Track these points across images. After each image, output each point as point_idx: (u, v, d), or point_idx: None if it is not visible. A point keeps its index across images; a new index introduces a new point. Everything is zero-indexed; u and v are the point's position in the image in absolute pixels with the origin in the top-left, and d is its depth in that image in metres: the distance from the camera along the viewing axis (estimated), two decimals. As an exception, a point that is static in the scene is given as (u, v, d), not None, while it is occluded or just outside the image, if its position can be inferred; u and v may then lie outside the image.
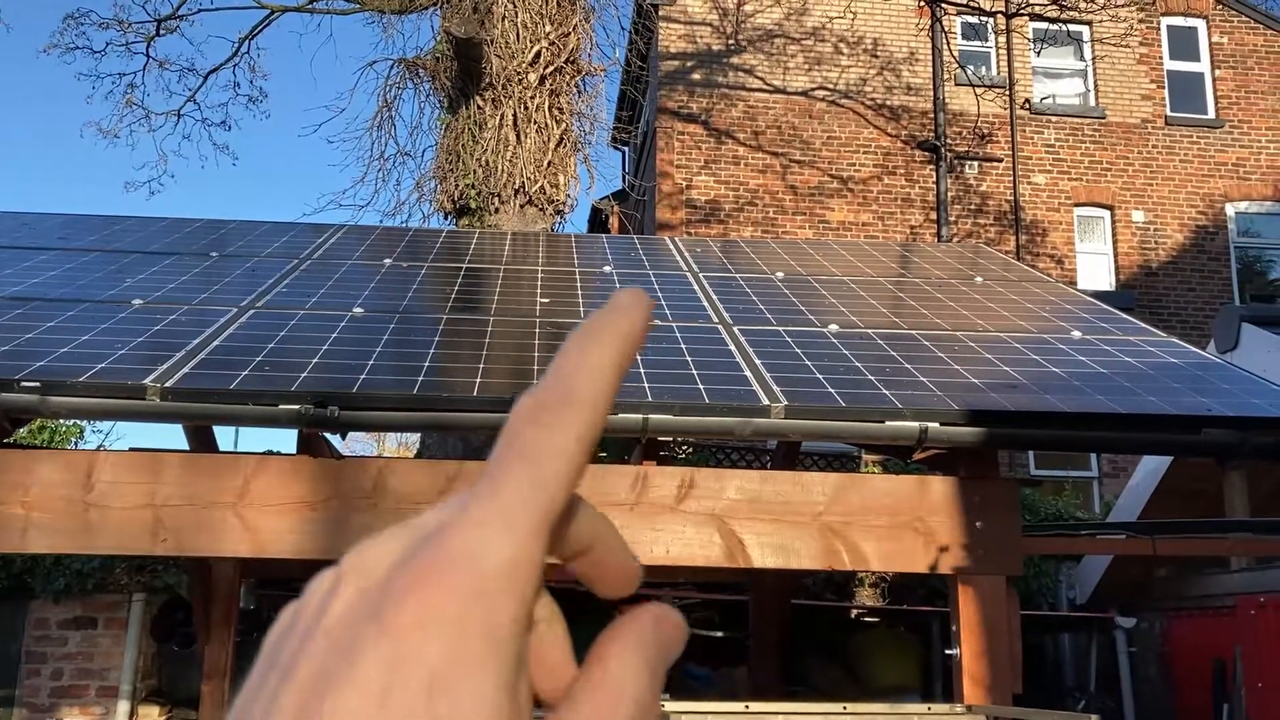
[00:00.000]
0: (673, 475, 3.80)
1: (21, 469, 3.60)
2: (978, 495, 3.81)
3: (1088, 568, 7.75)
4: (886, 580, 7.91)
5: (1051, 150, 14.83)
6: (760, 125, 14.40)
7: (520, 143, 8.99)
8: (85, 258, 5.27)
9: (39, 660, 6.99)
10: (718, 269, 5.79)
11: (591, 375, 0.33)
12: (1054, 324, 4.89)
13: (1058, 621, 7.64)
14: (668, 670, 0.34)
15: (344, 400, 3.47)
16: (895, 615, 7.73)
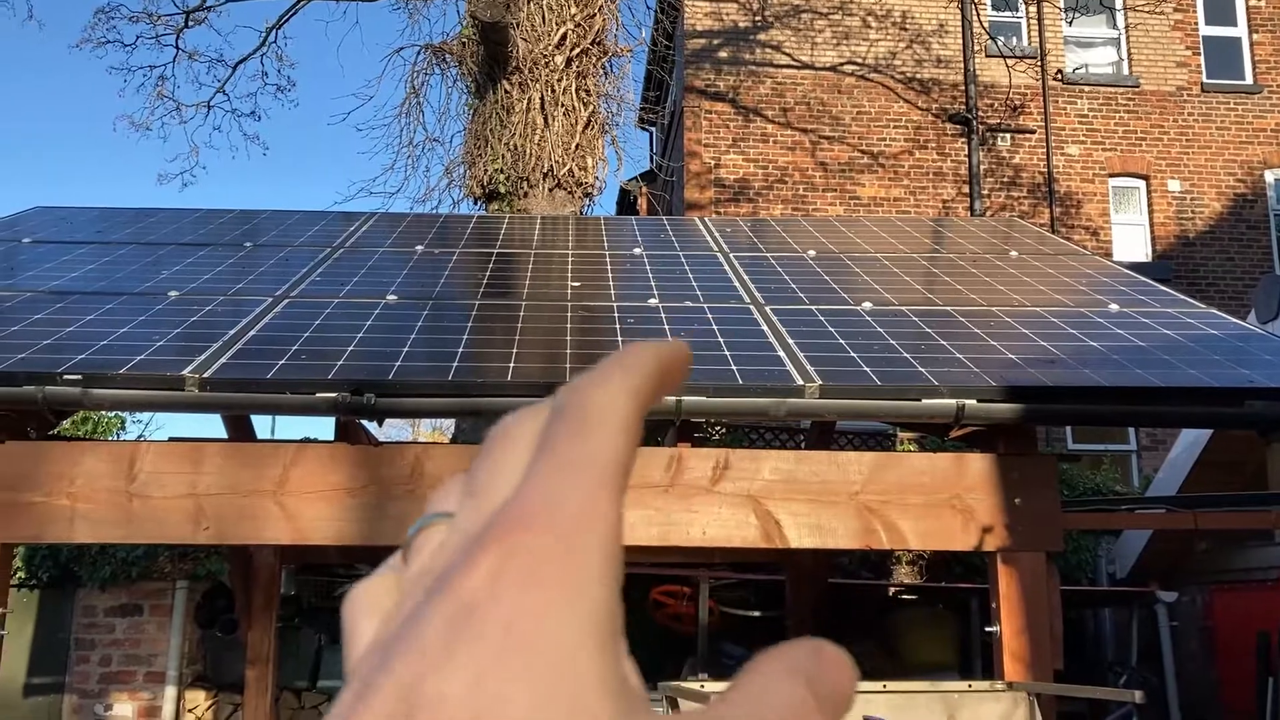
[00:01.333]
0: (707, 456, 3.80)
1: (66, 460, 3.65)
2: (1016, 471, 3.78)
3: (1127, 542, 7.69)
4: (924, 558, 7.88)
5: (1085, 121, 14.64)
6: (789, 102, 14.30)
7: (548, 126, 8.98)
8: (121, 251, 5.33)
9: (88, 647, 7.12)
10: (748, 248, 5.77)
11: (632, 362, 0.31)
12: (1091, 297, 4.83)
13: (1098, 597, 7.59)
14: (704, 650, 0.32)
15: (380, 388, 3.50)
16: (933, 593, 7.71)
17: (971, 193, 14.12)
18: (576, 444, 0.28)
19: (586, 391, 0.30)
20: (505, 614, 0.25)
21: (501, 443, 0.31)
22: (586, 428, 0.29)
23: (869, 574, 7.88)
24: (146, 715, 7.03)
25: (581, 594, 0.26)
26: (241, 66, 12.65)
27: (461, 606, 0.26)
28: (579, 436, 0.28)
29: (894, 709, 3.29)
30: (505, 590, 0.26)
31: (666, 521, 3.71)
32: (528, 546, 0.26)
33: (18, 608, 6.98)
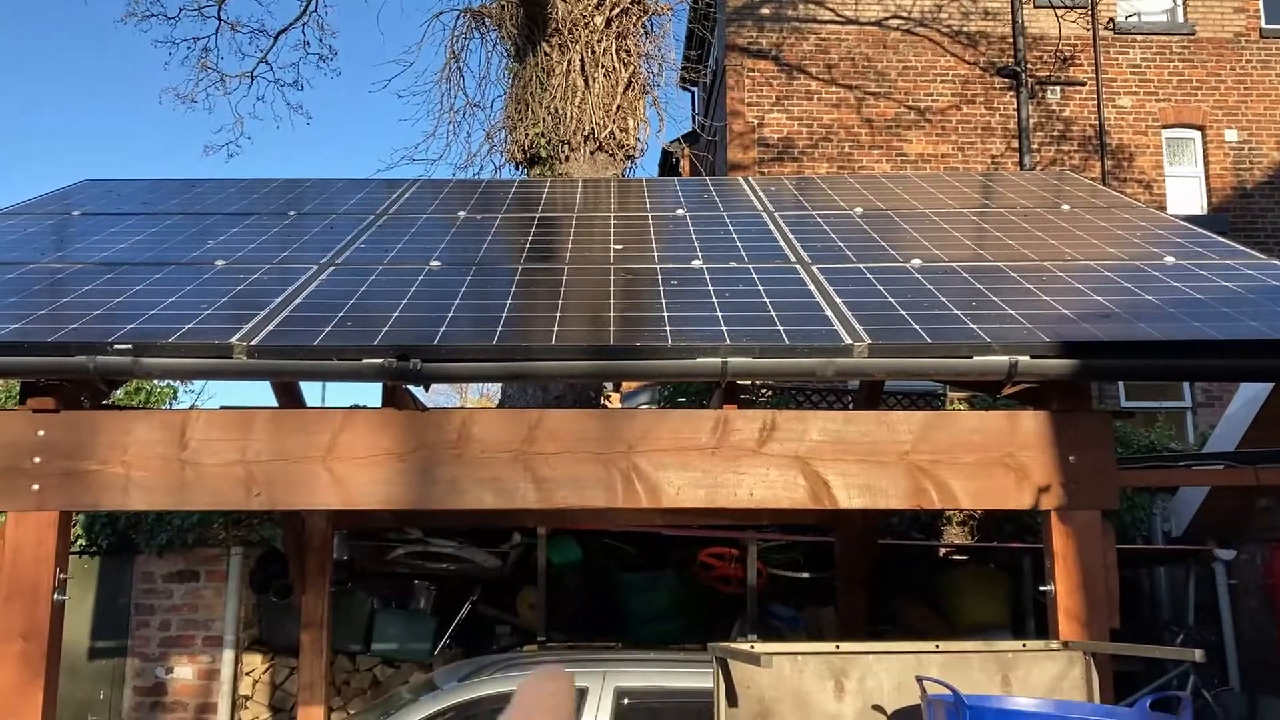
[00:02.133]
0: (754, 418, 3.77)
1: (119, 429, 3.70)
2: (1070, 429, 3.71)
3: (1183, 500, 7.56)
4: (975, 518, 7.81)
5: (1138, 71, 14.28)
6: (833, 58, 14.08)
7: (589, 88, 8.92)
8: (168, 221, 5.37)
9: (147, 612, 7.27)
10: (793, 207, 5.70)
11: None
12: (1146, 250, 4.72)
13: (1153, 555, 7.48)
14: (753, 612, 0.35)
15: (425, 353, 3.50)
16: (984, 553, 7.64)
17: (1021, 147, 13.85)
18: None
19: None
20: None
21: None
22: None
23: (919, 534, 7.82)
24: (205, 678, 7.18)
25: None
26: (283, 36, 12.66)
27: None
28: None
29: (947, 669, 3.26)
30: None
31: (714, 483, 3.69)
32: None
33: (79, 574, 7.14)
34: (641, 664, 4.95)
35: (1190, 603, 7.50)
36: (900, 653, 3.35)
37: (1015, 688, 3.30)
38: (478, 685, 4.72)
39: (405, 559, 7.44)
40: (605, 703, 4.57)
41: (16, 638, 3.56)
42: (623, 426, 3.75)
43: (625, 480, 3.69)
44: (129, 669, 7.21)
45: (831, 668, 3.31)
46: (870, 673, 3.31)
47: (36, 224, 5.30)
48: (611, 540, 7.69)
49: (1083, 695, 3.32)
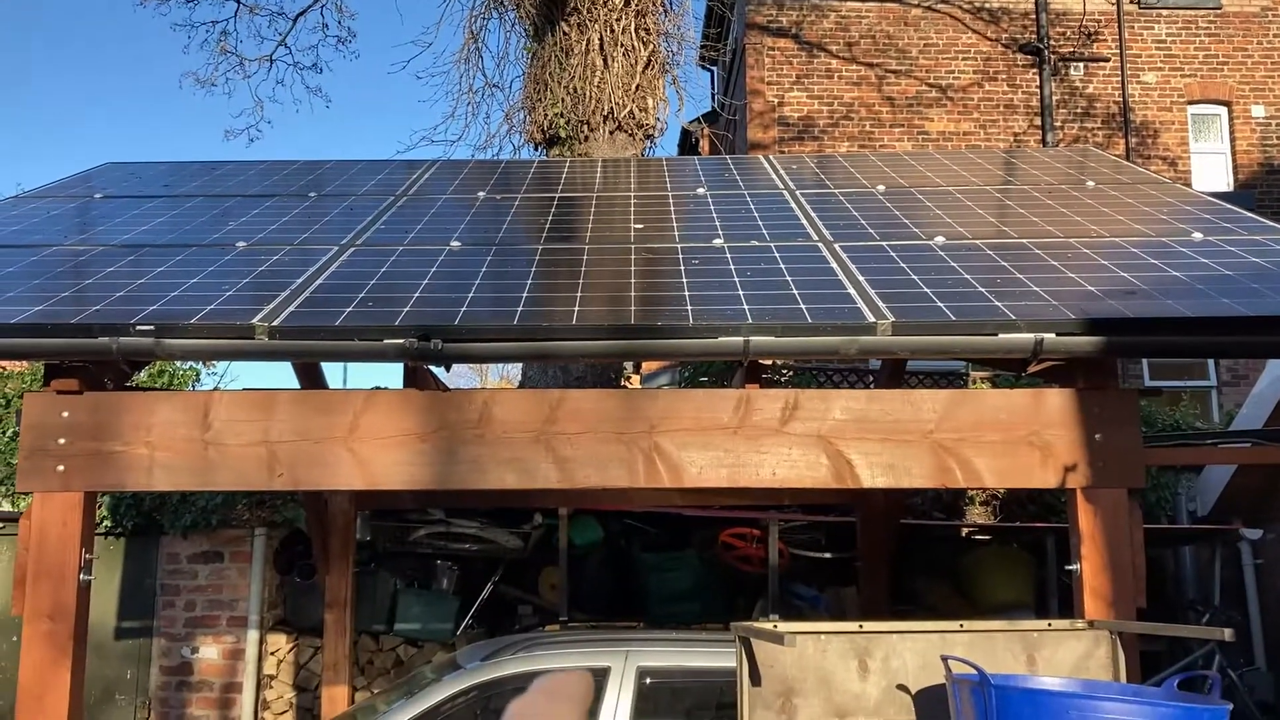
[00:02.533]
0: (776, 397, 3.75)
1: (143, 410, 3.71)
2: (1096, 406, 3.67)
3: (1209, 479, 7.49)
4: (998, 497, 7.77)
5: (1163, 46, 14.11)
6: (854, 36, 13.97)
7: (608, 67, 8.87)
8: (190, 203, 5.38)
9: (173, 593, 7.32)
10: (815, 185, 5.66)
11: None
12: (1173, 226, 4.66)
13: (1179, 535, 7.42)
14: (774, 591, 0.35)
15: (446, 333, 3.49)
16: (1007, 533, 7.60)
17: (1044, 125, 13.72)
18: None
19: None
20: None
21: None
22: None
23: (941, 514, 7.79)
24: (231, 658, 7.23)
25: None
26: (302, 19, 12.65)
27: None
28: None
29: (972, 649, 3.24)
30: None
31: (736, 463, 3.68)
32: None
33: (105, 555, 7.20)
34: (664, 644, 4.95)
35: (1216, 582, 7.45)
36: (925, 632, 3.33)
37: (1041, 667, 3.28)
38: (501, 665, 4.73)
39: (428, 539, 7.47)
40: (628, 682, 4.57)
41: (44, 618, 3.59)
42: (644, 406, 3.74)
43: (647, 460, 3.68)
44: (155, 649, 7.27)
45: (855, 647, 3.30)
46: (894, 652, 3.30)
47: (59, 207, 5.32)
48: (633, 521, 7.69)
49: (1109, 675, 3.30)
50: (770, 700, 3.23)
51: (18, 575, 3.68)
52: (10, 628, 7.05)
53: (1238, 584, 7.40)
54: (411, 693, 4.82)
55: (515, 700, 3.98)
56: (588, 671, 1.75)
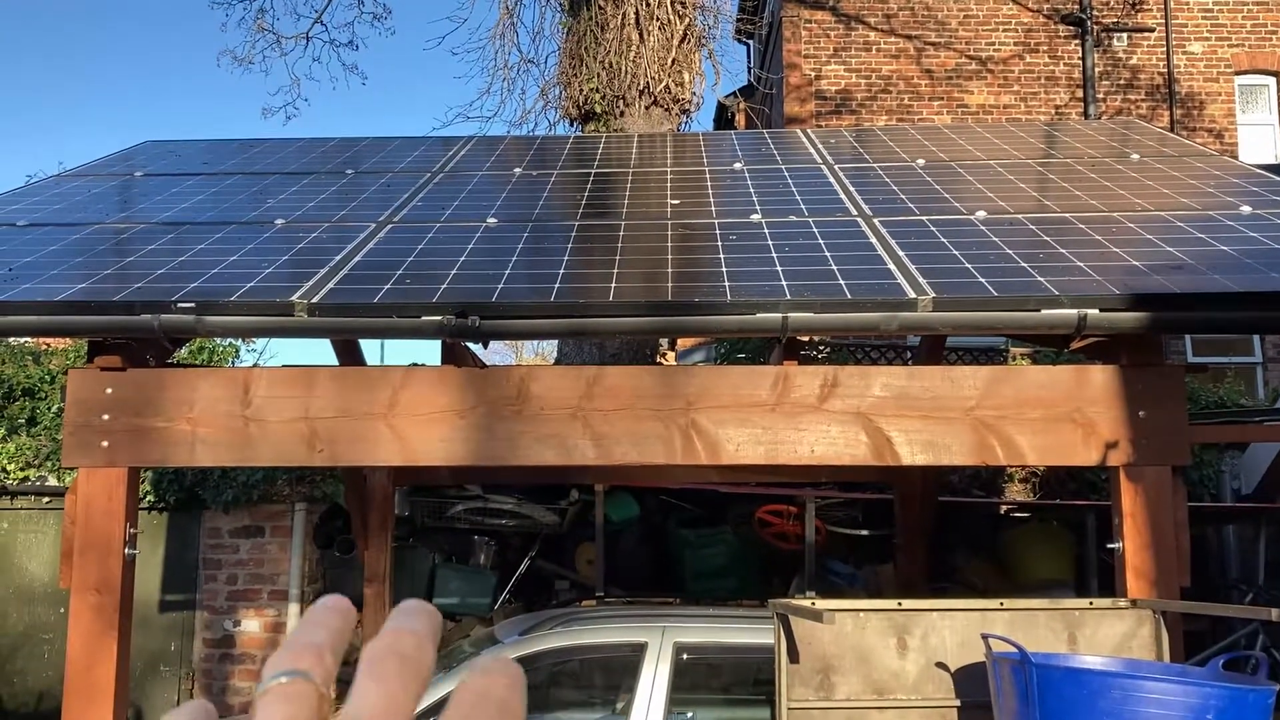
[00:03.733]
0: (814, 374, 3.72)
1: (185, 386, 3.75)
2: (1140, 383, 3.62)
3: (1253, 456, 7.38)
4: (1037, 475, 7.70)
5: (1209, 15, 13.81)
6: (892, 7, 13.79)
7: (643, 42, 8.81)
8: (228, 181, 5.41)
9: (215, 566, 7.43)
10: (853, 159, 5.60)
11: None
12: (1220, 199, 4.57)
13: (1222, 513, 7.32)
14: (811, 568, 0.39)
15: (484, 310, 3.49)
16: (1046, 509, 7.54)
17: (1086, 97, 13.50)
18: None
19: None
20: None
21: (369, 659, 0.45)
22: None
23: (980, 491, 7.73)
24: (272, 631, 7.33)
25: None
26: (337, -5, 12.66)
27: None
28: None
29: (1013, 627, 3.21)
30: None
31: (774, 440, 3.66)
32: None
33: (149, 529, 7.31)
34: (700, 620, 4.96)
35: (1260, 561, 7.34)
36: (964, 610, 3.31)
37: (1082, 646, 3.25)
38: (538, 639, 4.76)
39: (465, 515, 7.52)
40: (665, 658, 4.58)
41: (91, 590, 3.64)
42: (681, 383, 3.73)
43: (684, 437, 3.67)
44: (198, 622, 7.39)
45: (894, 624, 3.28)
46: (933, 630, 3.28)
47: (100, 185, 5.37)
48: (669, 497, 7.70)
49: (1152, 654, 3.26)
50: (808, 677, 3.22)
51: (64, 549, 3.74)
52: (59, 600, 7.19)
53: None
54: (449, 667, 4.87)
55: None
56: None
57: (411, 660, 0.46)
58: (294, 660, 0.46)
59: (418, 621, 0.49)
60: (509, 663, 0.47)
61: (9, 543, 7.50)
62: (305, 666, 0.45)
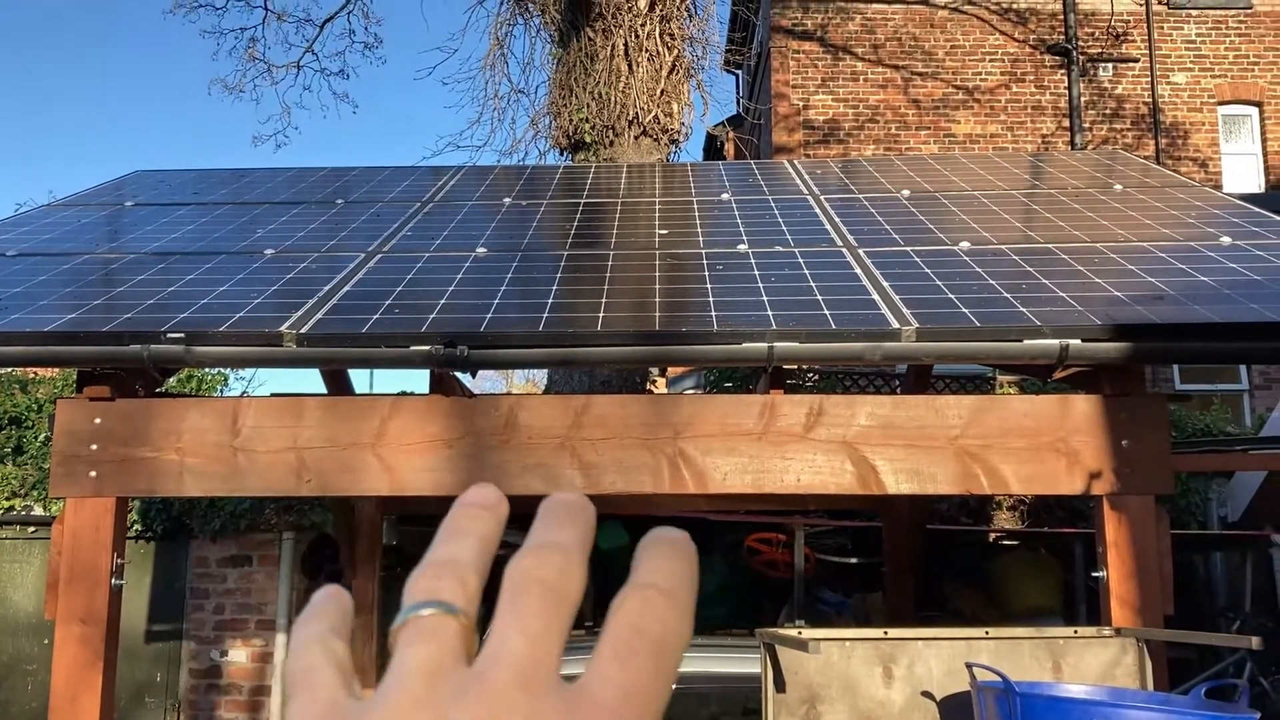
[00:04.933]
0: (801, 403, 3.75)
1: (173, 416, 3.76)
2: (1124, 413, 3.65)
3: (1240, 484, 7.42)
4: (1025, 503, 7.73)
5: (1192, 46, 13.98)
6: (879, 38, 13.93)
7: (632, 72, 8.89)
8: (218, 211, 5.44)
9: (202, 596, 7.39)
10: (839, 190, 5.65)
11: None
12: (1201, 230, 4.62)
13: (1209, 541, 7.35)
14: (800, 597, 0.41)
15: (473, 339, 3.51)
16: (1034, 537, 7.56)
17: (1072, 126, 13.63)
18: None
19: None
20: None
21: (511, 585, 0.42)
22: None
23: (968, 519, 7.75)
24: (259, 660, 7.29)
25: None
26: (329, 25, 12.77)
27: None
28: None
29: (998, 656, 3.23)
30: None
31: (761, 469, 3.68)
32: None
33: (136, 559, 7.28)
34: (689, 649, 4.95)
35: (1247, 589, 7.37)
36: (950, 639, 3.32)
37: (1067, 674, 3.27)
38: (526, 669, 4.74)
39: (453, 544, 7.50)
40: (653, 687, 4.57)
41: (77, 621, 3.63)
42: (669, 412, 3.75)
43: (672, 466, 3.69)
44: (185, 652, 7.35)
45: (880, 654, 3.30)
46: (919, 659, 3.29)
47: (90, 215, 5.39)
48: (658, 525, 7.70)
49: (1136, 683, 3.28)
50: (795, 706, 3.23)
51: (50, 579, 3.74)
52: (42, 631, 7.14)
53: (1269, 590, 7.32)
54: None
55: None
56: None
57: (555, 589, 0.41)
58: (433, 587, 0.42)
59: (564, 531, 0.44)
60: (673, 545, 0.43)
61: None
62: (447, 595, 0.42)
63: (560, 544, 0.43)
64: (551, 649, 0.40)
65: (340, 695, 0.42)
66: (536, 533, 0.44)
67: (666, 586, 0.42)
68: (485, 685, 0.38)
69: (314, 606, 0.47)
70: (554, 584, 0.41)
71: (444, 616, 0.41)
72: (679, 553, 0.43)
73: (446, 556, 0.44)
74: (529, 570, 0.42)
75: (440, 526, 0.45)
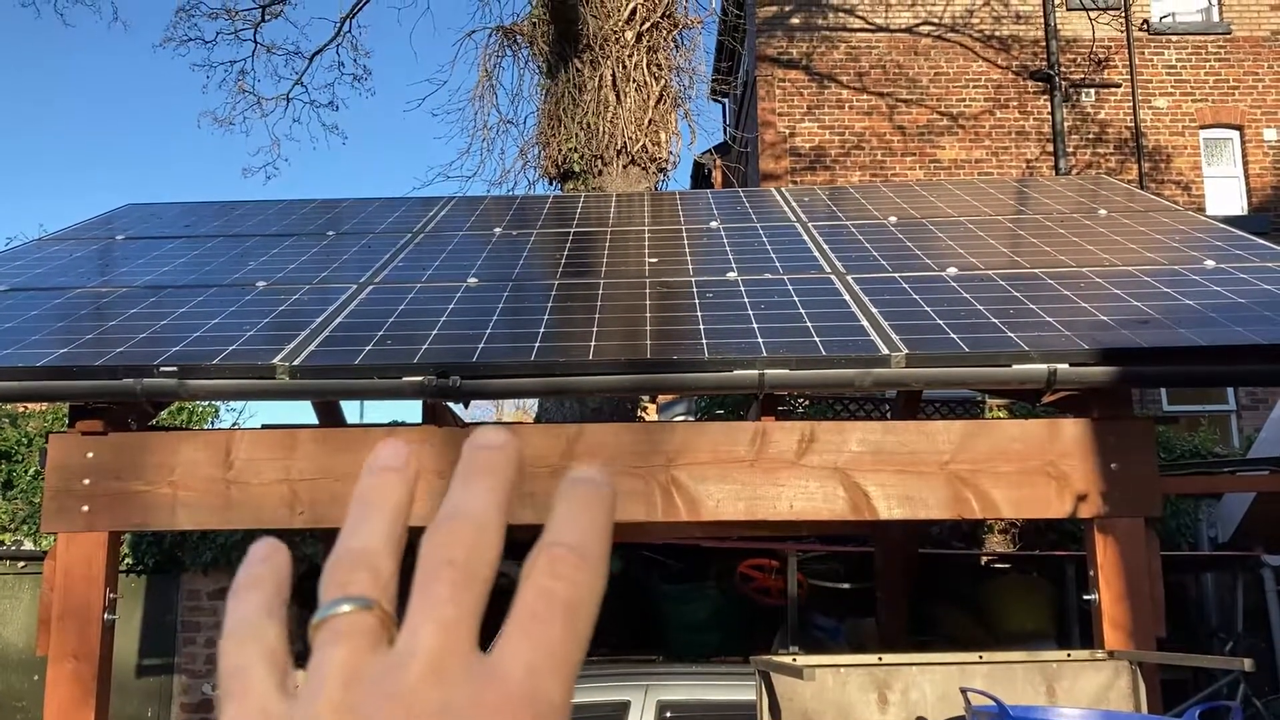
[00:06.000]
0: (792, 430, 3.77)
1: (166, 450, 3.76)
2: (1112, 436, 3.68)
3: (1229, 505, 7.45)
4: (1016, 526, 7.75)
5: (1173, 71, 14.14)
6: (864, 66, 14.06)
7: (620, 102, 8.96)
8: (209, 244, 5.46)
9: (193, 629, 7.35)
10: (827, 217, 5.70)
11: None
12: (1185, 254, 4.68)
13: (1200, 562, 7.38)
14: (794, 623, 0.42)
15: (464, 370, 3.53)
16: (1026, 561, 7.58)
17: (1056, 151, 13.75)
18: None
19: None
20: None
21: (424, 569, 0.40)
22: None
23: (960, 543, 7.77)
24: (252, 694, 7.25)
25: None
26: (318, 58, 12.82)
27: None
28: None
29: (992, 680, 3.24)
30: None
31: (753, 496, 3.70)
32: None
33: (127, 592, 7.24)
34: (683, 677, 4.95)
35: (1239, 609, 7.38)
36: (943, 664, 3.33)
37: (1061, 698, 3.28)
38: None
39: (446, 574, 7.48)
40: (648, 716, 4.57)
41: (69, 657, 3.62)
42: (661, 440, 3.77)
43: (665, 493, 3.70)
44: (176, 686, 7.29)
45: (874, 679, 3.30)
46: (913, 684, 3.30)
47: (82, 249, 5.41)
48: (651, 552, 7.69)
49: (1130, 705, 3.29)
50: (790, 734, 3.23)
51: (42, 615, 3.72)
52: (32, 667, 7.09)
53: (1261, 611, 7.34)
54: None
55: None
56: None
57: (465, 569, 0.40)
58: (346, 581, 0.41)
59: (479, 491, 0.43)
60: (585, 493, 0.42)
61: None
62: (359, 589, 0.41)
63: (472, 512, 0.42)
64: (465, 632, 0.39)
65: (272, 699, 0.41)
66: (452, 494, 0.42)
67: (574, 542, 0.41)
68: (399, 684, 0.37)
69: (249, 567, 0.45)
70: (464, 563, 0.40)
71: (358, 613, 0.41)
72: (590, 501, 0.42)
73: (359, 546, 0.42)
74: (438, 549, 0.41)
75: (353, 497, 0.44)
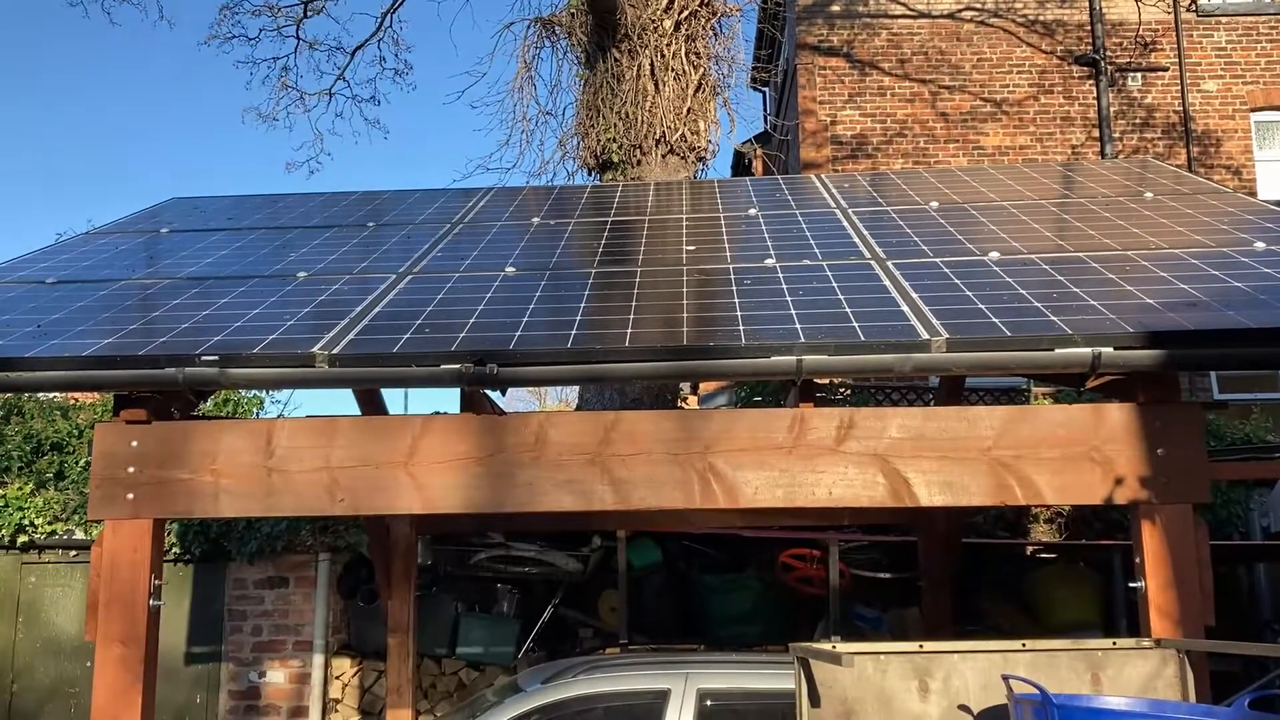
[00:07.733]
0: (831, 416, 3.74)
1: (208, 439, 3.80)
2: (1158, 421, 3.61)
3: (1282, 494, 7.30)
4: (1063, 515, 7.64)
5: (1223, 53, 13.85)
6: (905, 53, 13.91)
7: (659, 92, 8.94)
8: (252, 236, 5.51)
9: (240, 618, 7.45)
10: (867, 203, 5.64)
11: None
12: (1235, 236, 4.58)
13: (1251, 551, 7.24)
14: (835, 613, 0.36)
15: (502, 357, 3.54)
16: (1072, 550, 7.47)
17: (1102, 137, 13.53)
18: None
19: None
20: None
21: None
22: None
23: (1005, 533, 7.68)
24: (297, 682, 7.33)
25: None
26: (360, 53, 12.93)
27: None
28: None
29: (1034, 668, 3.19)
30: None
31: (791, 483, 3.67)
32: None
33: (174, 581, 7.35)
34: (724, 666, 4.94)
35: (1292, 600, 7.24)
36: (986, 651, 3.29)
37: (1106, 687, 3.23)
38: (562, 687, 4.75)
39: (488, 563, 7.53)
40: (688, 705, 4.57)
41: (116, 643, 3.67)
42: (699, 427, 3.75)
43: (702, 480, 3.68)
44: (224, 673, 7.40)
45: (915, 667, 3.27)
46: (955, 672, 3.26)
47: (127, 242, 5.48)
48: (691, 542, 7.69)
49: (1177, 695, 3.23)
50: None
51: (90, 601, 3.78)
52: (84, 654, 7.22)
53: (1315, 601, 7.19)
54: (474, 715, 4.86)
55: None
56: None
57: None
58: None
59: None
60: None
61: (37, 597, 7.56)
62: None
63: None
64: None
65: None
66: None
67: None
68: None
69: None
70: None
71: None
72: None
73: None
74: None
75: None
